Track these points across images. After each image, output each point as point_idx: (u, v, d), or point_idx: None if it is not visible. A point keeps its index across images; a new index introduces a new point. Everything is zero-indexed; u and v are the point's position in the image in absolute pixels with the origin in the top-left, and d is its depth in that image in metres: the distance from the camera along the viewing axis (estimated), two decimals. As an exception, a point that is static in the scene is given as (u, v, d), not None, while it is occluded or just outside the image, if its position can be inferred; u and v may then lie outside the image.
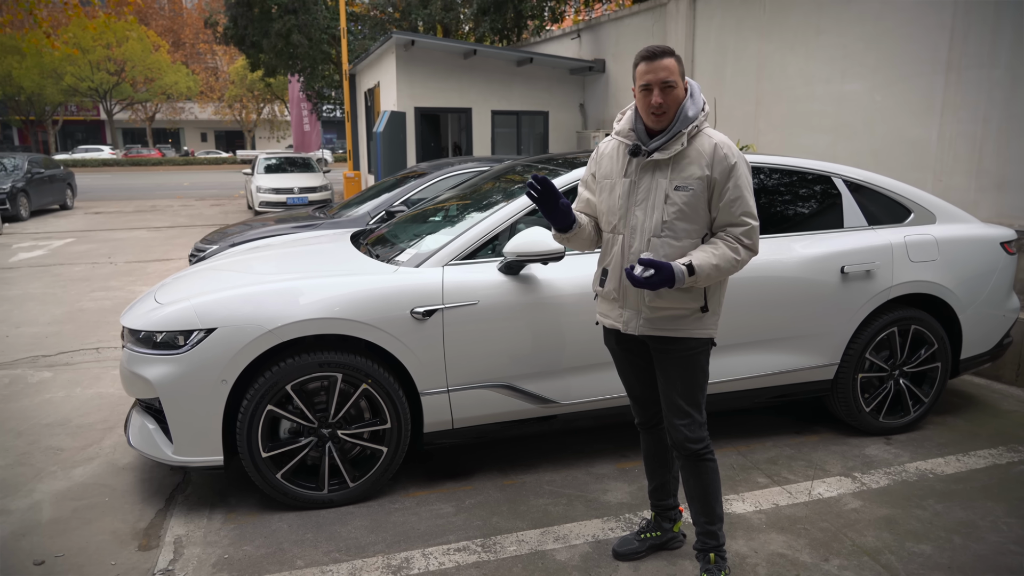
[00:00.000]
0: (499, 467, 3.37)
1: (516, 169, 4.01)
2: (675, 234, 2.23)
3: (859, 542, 2.73)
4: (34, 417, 3.97)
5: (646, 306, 2.28)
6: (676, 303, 2.25)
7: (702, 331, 2.30)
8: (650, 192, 2.25)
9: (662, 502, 2.65)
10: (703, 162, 2.20)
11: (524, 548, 2.69)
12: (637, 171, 2.28)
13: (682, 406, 2.32)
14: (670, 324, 2.28)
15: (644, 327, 2.30)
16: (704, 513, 2.41)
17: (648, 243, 2.24)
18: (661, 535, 2.66)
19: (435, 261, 3.06)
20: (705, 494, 2.39)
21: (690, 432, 2.33)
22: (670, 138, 2.21)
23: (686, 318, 2.27)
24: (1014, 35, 5.54)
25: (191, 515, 2.94)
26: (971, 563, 2.60)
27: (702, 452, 2.35)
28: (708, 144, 2.22)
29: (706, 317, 2.29)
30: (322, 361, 2.85)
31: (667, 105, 2.18)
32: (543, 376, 3.11)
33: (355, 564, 2.58)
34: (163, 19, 46.47)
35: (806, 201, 3.62)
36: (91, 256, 9.68)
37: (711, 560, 2.41)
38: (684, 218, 2.22)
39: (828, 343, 3.51)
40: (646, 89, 2.20)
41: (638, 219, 2.26)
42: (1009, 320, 3.95)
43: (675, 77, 2.18)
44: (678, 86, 2.19)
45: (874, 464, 3.40)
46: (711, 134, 2.25)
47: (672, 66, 2.18)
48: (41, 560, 2.61)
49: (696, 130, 2.23)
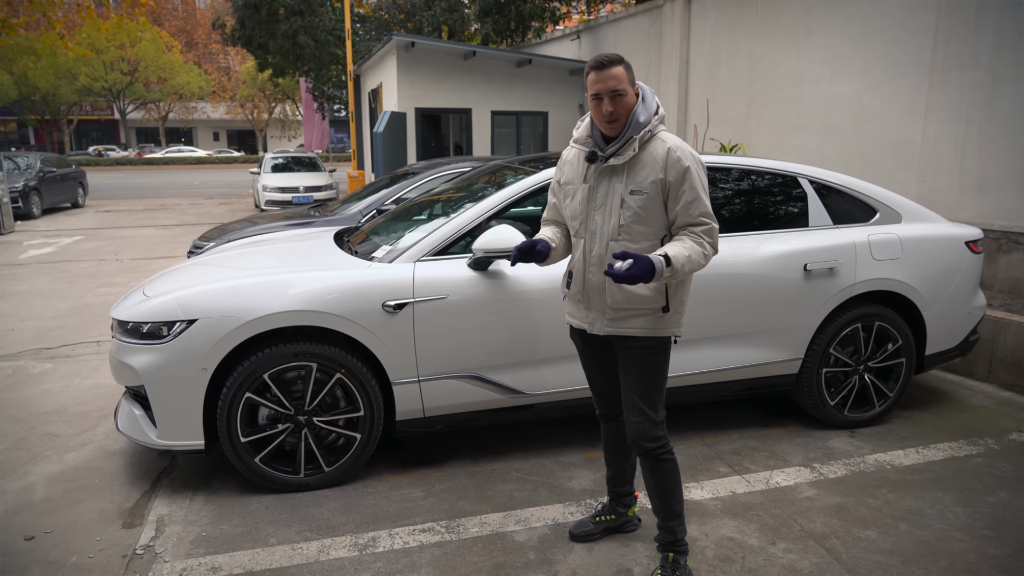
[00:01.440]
0: (471, 455, 3.51)
1: (496, 169, 4.15)
2: (632, 237, 2.30)
3: (807, 527, 2.85)
4: (33, 405, 4.16)
5: (609, 307, 2.35)
6: (638, 304, 2.32)
7: (662, 330, 2.35)
8: (607, 197, 2.32)
9: (618, 488, 2.77)
10: (656, 166, 2.26)
11: (486, 530, 2.83)
12: (595, 177, 2.35)
13: (638, 403, 2.38)
14: (632, 324, 2.35)
15: (608, 327, 2.38)
16: (662, 509, 2.46)
17: (607, 246, 2.32)
18: (615, 519, 2.78)
19: (407, 257, 3.21)
20: (662, 491, 2.44)
21: (646, 430, 2.37)
22: (623, 144, 2.28)
23: (647, 317, 2.34)
24: (995, 37, 5.61)
25: (175, 496, 3.10)
26: (912, 547, 2.71)
27: (657, 451, 2.40)
28: (662, 148, 2.28)
29: (667, 317, 2.35)
30: (297, 351, 3.00)
31: (617, 112, 2.25)
32: (511, 367, 3.25)
33: (324, 542, 2.74)
34: (176, 19, 47.02)
35: (772, 201, 3.73)
36: (98, 253, 9.92)
37: (669, 559, 2.47)
38: (640, 221, 2.29)
39: (792, 338, 3.62)
40: (597, 98, 2.27)
41: (597, 223, 2.34)
42: (975, 317, 4.05)
43: (624, 85, 2.24)
44: (627, 93, 2.25)
45: (835, 456, 3.51)
46: (665, 138, 2.30)
47: (620, 74, 2.24)
48: (31, 536, 2.78)
49: (649, 135, 2.29)
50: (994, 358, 4.57)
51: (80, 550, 2.69)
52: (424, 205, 4.20)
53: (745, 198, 3.70)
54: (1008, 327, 4.51)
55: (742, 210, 3.66)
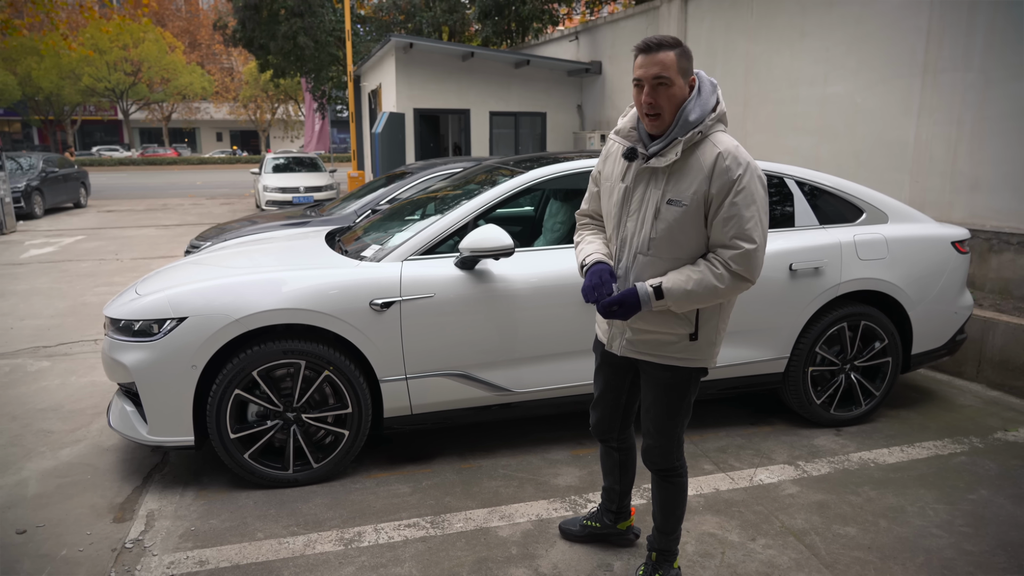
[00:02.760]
0: (459, 452, 3.55)
1: (489, 169, 4.19)
2: (661, 254, 2.01)
3: (788, 524, 2.88)
4: (29, 403, 4.21)
5: (629, 327, 2.12)
6: (661, 327, 2.07)
7: (690, 361, 2.10)
8: (643, 203, 2.04)
9: (607, 503, 2.67)
10: (702, 175, 1.94)
11: (470, 525, 2.87)
12: (633, 178, 2.07)
13: (654, 431, 2.23)
14: (654, 349, 2.11)
15: (626, 348, 2.17)
16: (661, 520, 2.39)
17: (634, 259, 2.05)
18: (600, 528, 2.69)
19: (395, 256, 3.25)
20: (665, 506, 2.35)
21: (660, 456, 2.25)
22: (666, 145, 1.97)
23: (672, 344, 2.09)
24: (987, 38, 5.64)
25: (165, 492, 3.15)
26: (891, 544, 2.74)
27: (667, 473, 2.29)
28: (711, 154, 1.94)
29: (696, 346, 2.08)
30: (286, 349, 3.04)
31: (659, 105, 1.93)
32: (497, 365, 3.29)
33: (310, 537, 2.78)
34: (180, 20, 47.18)
35: (759, 201, 3.76)
36: (99, 253, 9.99)
37: (652, 558, 2.43)
38: (672, 237, 1.99)
39: (778, 337, 3.65)
40: (637, 85, 1.96)
41: (629, 231, 2.07)
42: (962, 317, 4.07)
43: (670, 73, 1.91)
44: (674, 84, 1.92)
45: (819, 454, 3.54)
46: (717, 141, 1.97)
47: (668, 61, 1.90)
48: (23, 530, 2.83)
49: (700, 136, 1.96)
50: (983, 357, 4.59)
51: (71, 544, 2.73)
52: (415, 204, 4.25)
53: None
54: (997, 327, 4.54)
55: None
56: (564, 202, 3.98)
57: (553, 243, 3.76)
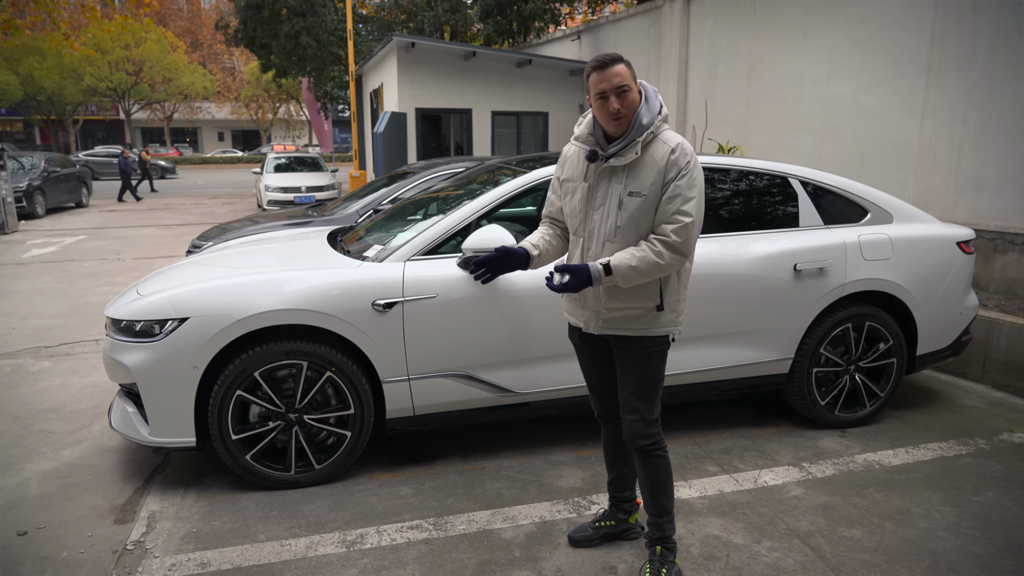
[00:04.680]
0: (462, 453, 3.53)
1: (491, 169, 4.17)
2: (627, 239, 2.27)
3: (793, 526, 2.87)
4: (31, 403, 4.20)
5: (603, 307, 2.34)
6: (631, 303, 2.31)
7: (658, 329, 2.34)
8: (606, 197, 2.30)
9: (618, 493, 2.72)
10: (657, 168, 2.23)
11: (473, 527, 2.85)
12: (595, 176, 2.33)
13: (634, 402, 2.38)
14: (627, 324, 2.33)
15: (603, 327, 2.37)
16: (652, 505, 2.47)
17: (603, 246, 2.30)
18: (615, 524, 2.72)
19: (397, 256, 3.23)
20: (653, 487, 2.45)
21: (640, 428, 2.39)
22: (625, 146, 2.24)
23: (642, 317, 2.32)
24: (991, 37, 5.61)
25: (167, 493, 3.13)
26: (897, 547, 2.72)
27: (650, 448, 2.41)
28: (663, 150, 2.24)
29: (662, 315, 2.33)
30: (288, 350, 3.03)
31: (625, 110, 2.21)
32: (500, 366, 3.27)
33: (312, 539, 2.76)
34: (181, 20, 47.19)
35: (763, 201, 3.74)
36: (100, 253, 9.99)
37: (656, 552, 2.47)
38: (635, 223, 2.26)
39: (782, 338, 3.63)
40: (602, 97, 2.21)
41: (595, 223, 2.32)
42: (967, 317, 4.05)
43: (628, 82, 2.20)
44: (632, 90, 2.22)
45: (824, 455, 3.52)
46: (667, 139, 2.26)
47: (623, 72, 2.20)
48: (24, 531, 2.82)
49: (652, 136, 2.25)
50: (988, 358, 4.57)
51: (72, 545, 2.72)
52: (417, 204, 4.23)
53: (735, 198, 3.71)
54: (1002, 327, 4.51)
55: (732, 210, 3.67)
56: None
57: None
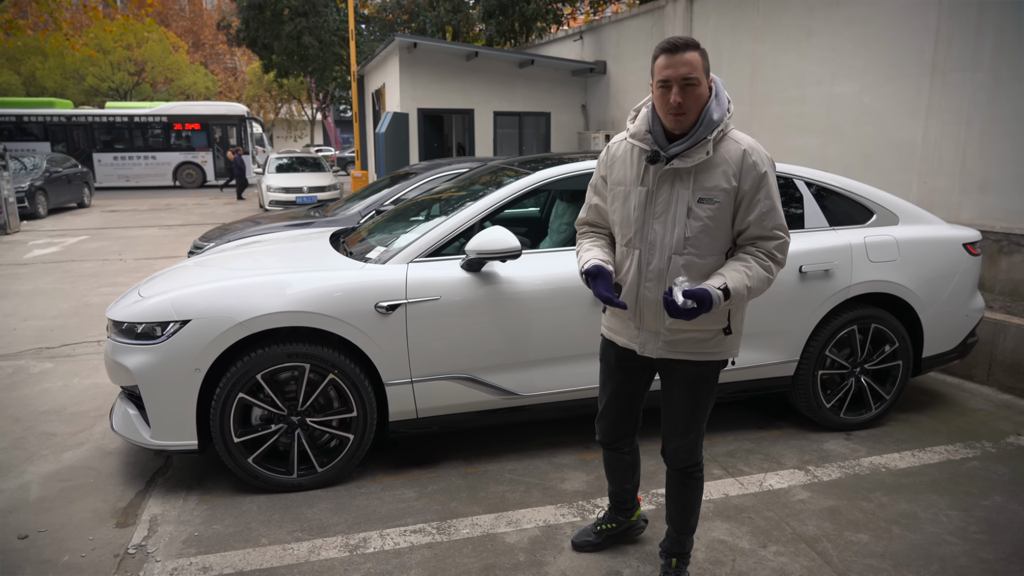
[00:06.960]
0: (465, 456, 3.51)
1: (494, 170, 4.15)
2: (699, 251, 2.04)
3: (799, 530, 2.84)
4: (32, 405, 4.18)
5: (665, 328, 2.12)
6: (699, 325, 2.09)
7: (722, 353, 2.17)
8: (670, 204, 2.05)
9: (620, 504, 2.66)
10: (730, 171, 2.00)
11: (477, 531, 2.83)
12: (655, 180, 2.06)
13: (681, 428, 2.23)
14: (691, 347, 2.14)
15: (663, 350, 2.16)
16: (679, 520, 2.39)
17: (669, 260, 2.06)
18: (617, 527, 2.68)
19: (401, 258, 3.21)
20: (685, 506, 2.37)
21: (685, 452, 2.26)
22: (692, 145, 2.00)
23: (708, 340, 2.14)
24: (996, 38, 5.58)
25: (168, 496, 3.11)
26: (904, 551, 2.70)
27: (691, 469, 2.31)
28: (735, 151, 2.01)
29: (729, 339, 2.16)
30: (290, 352, 3.01)
31: (687, 106, 1.96)
32: (504, 369, 3.25)
33: (315, 543, 2.74)
34: (183, 20, 47.18)
35: (768, 202, 3.72)
36: (102, 253, 9.98)
37: (672, 564, 2.42)
38: (708, 233, 2.03)
39: (787, 340, 3.61)
40: (664, 86, 1.97)
41: (657, 234, 2.07)
42: (973, 320, 4.02)
43: (698, 74, 1.95)
44: (701, 84, 1.97)
45: (829, 458, 3.49)
46: (738, 138, 2.05)
47: (695, 61, 1.95)
48: (25, 535, 2.80)
49: (721, 135, 2.02)
50: (993, 361, 4.54)
51: (73, 549, 2.70)
52: (420, 206, 4.21)
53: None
54: (1008, 329, 4.48)
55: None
56: (571, 203, 3.94)
57: (560, 245, 3.72)
